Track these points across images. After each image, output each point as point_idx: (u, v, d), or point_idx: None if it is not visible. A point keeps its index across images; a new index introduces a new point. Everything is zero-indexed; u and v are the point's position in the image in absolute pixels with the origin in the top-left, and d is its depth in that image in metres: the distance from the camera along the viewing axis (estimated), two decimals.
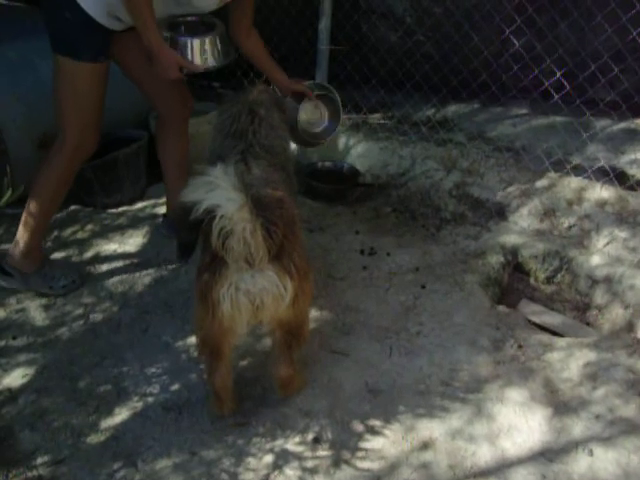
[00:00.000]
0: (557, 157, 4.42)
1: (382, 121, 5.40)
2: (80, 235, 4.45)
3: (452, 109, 5.38)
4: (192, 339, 3.42)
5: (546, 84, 4.42)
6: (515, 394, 3.08)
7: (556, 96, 4.40)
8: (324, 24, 4.79)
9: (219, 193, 2.23)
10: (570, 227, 4.19)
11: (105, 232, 4.45)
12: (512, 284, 4.06)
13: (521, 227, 4.25)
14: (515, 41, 4.48)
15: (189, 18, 3.53)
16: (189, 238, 2.54)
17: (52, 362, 3.42)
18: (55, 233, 4.47)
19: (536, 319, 3.72)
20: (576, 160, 4.53)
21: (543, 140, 4.90)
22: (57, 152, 3.57)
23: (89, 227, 4.50)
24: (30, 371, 3.37)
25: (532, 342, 3.39)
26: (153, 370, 3.33)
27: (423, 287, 3.76)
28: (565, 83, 4.34)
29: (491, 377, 3.19)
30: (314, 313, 3.57)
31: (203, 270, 2.51)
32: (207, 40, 3.40)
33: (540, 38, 4.47)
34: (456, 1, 4.85)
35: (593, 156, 4.53)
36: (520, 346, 3.36)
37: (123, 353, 3.45)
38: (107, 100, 4.72)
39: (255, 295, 2.43)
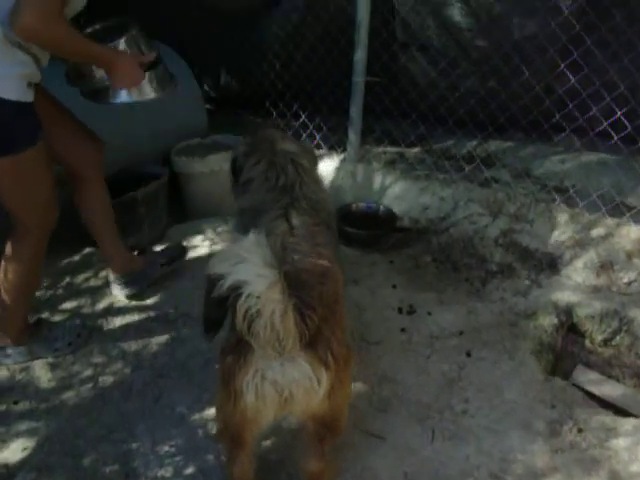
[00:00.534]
0: (612, 200, 4.04)
1: (420, 155, 5.00)
2: (93, 282, 4.13)
3: (495, 143, 4.95)
4: (210, 412, 3.09)
5: (605, 124, 3.99)
6: None
7: (615, 137, 3.98)
8: (359, 55, 4.44)
9: (247, 267, 1.93)
10: (630, 283, 3.78)
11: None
12: (566, 347, 3.65)
13: (575, 282, 3.85)
14: (570, 76, 4.05)
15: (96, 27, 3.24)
16: (216, 314, 2.32)
17: (55, 433, 3.09)
18: (67, 279, 4.17)
19: (595, 390, 3.31)
20: (632, 201, 4.12)
21: (595, 179, 4.50)
22: (22, 244, 3.24)
23: (103, 274, 4.16)
24: (31, 443, 3.04)
25: (593, 425, 2.99)
26: (166, 448, 2.98)
27: (468, 355, 3.37)
28: (627, 123, 3.92)
29: (548, 469, 2.79)
30: None
31: (227, 352, 2.23)
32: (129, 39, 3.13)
33: (597, 75, 4.04)
34: (505, 33, 4.42)
35: None
36: (580, 430, 2.96)
37: (133, 425, 3.11)
38: (125, 135, 4.48)
39: (284, 386, 2.14)
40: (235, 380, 2.16)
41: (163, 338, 3.64)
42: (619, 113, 3.99)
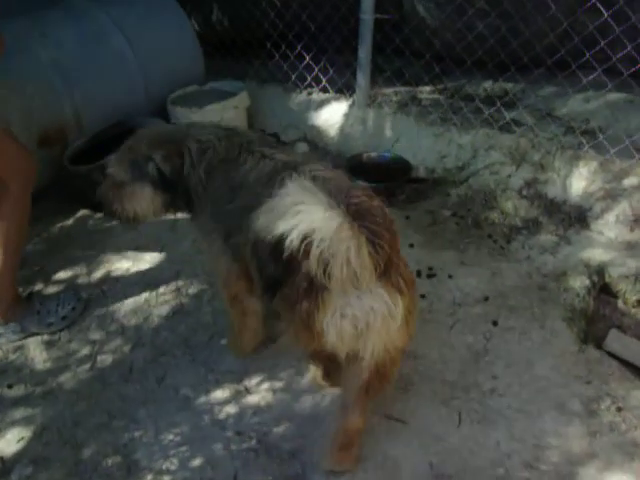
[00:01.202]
0: None
1: (434, 97, 4.65)
2: (89, 249, 3.86)
3: (512, 83, 4.57)
4: (216, 394, 2.91)
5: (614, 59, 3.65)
6: None
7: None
8: None
9: (310, 214, 1.90)
10: None
11: (117, 246, 3.84)
12: (597, 309, 3.38)
13: (607, 238, 3.57)
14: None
15: None
16: (277, 272, 2.22)
17: (53, 421, 2.88)
18: (60, 247, 3.89)
19: (630, 357, 3.05)
20: None
21: (623, 120, 4.16)
22: (2, 201, 3.06)
23: (99, 238, 3.90)
24: (27, 433, 2.83)
25: (633, 402, 2.76)
26: (170, 437, 2.77)
27: (495, 324, 3.11)
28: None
29: (586, 455, 2.57)
30: None
31: (300, 298, 2.15)
32: None
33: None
34: None
35: None
36: (619, 409, 2.73)
37: (135, 410, 2.89)
38: (117, 85, 4.15)
39: (361, 319, 2.14)
40: (315, 322, 2.15)
41: (164, 310, 3.40)
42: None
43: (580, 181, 3.75)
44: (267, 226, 2.00)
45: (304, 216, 1.91)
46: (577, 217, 3.67)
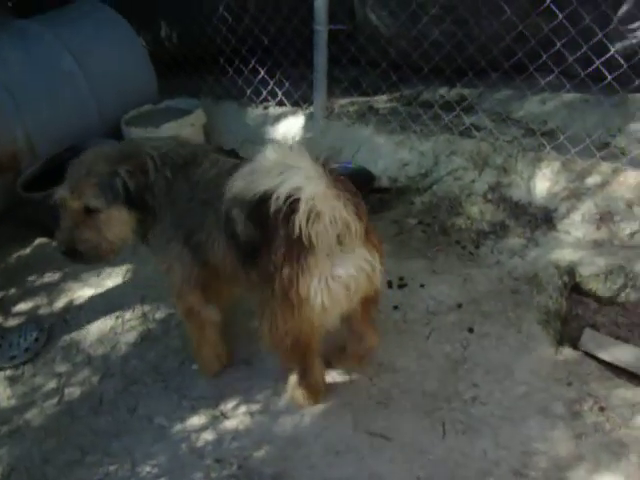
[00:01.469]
0: (605, 144, 3.81)
1: (390, 104, 4.62)
2: (48, 278, 3.74)
3: (467, 88, 4.55)
4: (192, 421, 2.81)
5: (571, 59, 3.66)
6: None
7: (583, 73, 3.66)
8: (320, 1, 3.98)
9: (299, 173, 1.98)
10: (633, 234, 3.52)
11: (78, 272, 3.71)
12: (570, 309, 3.35)
13: (575, 237, 3.56)
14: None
15: None
16: (257, 235, 2.21)
17: (21, 460, 2.77)
18: (19, 277, 3.76)
19: (606, 356, 3.04)
20: (623, 142, 3.89)
21: (580, 119, 4.18)
22: None
23: (58, 266, 3.78)
24: None
25: (615, 402, 2.74)
26: (147, 469, 2.68)
27: (471, 331, 3.07)
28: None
29: (573, 458, 2.53)
30: (339, 378, 2.89)
31: (280, 265, 2.18)
32: None
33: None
34: None
35: None
36: (602, 408, 2.71)
37: (108, 443, 2.78)
38: (68, 108, 4.03)
39: (350, 279, 2.21)
40: (300, 289, 2.16)
41: (131, 337, 3.29)
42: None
43: (544, 182, 3.74)
44: (247, 187, 2.05)
45: (291, 174, 1.97)
46: (543, 218, 3.66)
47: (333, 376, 2.91)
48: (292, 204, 2.00)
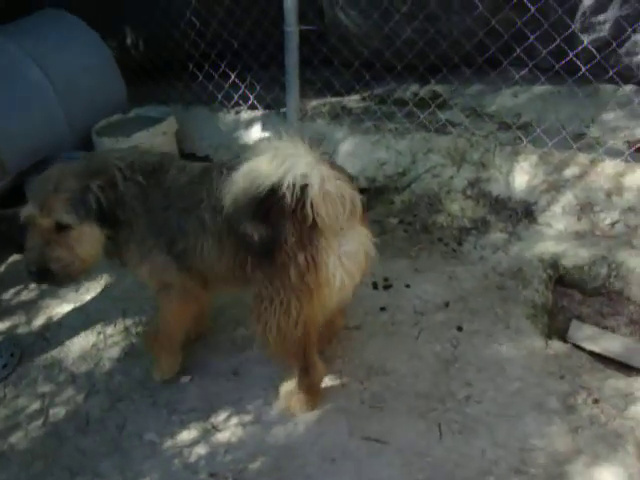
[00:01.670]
0: (580, 134, 3.82)
1: (363, 103, 4.59)
2: (25, 295, 3.65)
3: (438, 85, 4.53)
4: (182, 435, 2.75)
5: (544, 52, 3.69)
6: (607, 474, 2.41)
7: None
8: (290, 2, 3.92)
9: (300, 160, 2.06)
10: (613, 224, 3.52)
11: (55, 289, 3.61)
12: (556, 302, 3.34)
13: (556, 230, 3.56)
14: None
15: None
16: (268, 230, 2.21)
17: None
18: None
19: (595, 347, 3.06)
20: (597, 132, 3.90)
21: (552, 111, 4.19)
22: None
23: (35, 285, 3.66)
24: None
25: (608, 392, 2.74)
26: None
27: (460, 329, 3.05)
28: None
29: (571, 453, 2.52)
30: (330, 383, 2.85)
31: (294, 252, 2.22)
32: None
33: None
34: None
35: (615, 125, 3.86)
36: (596, 400, 2.70)
37: (97, 463, 2.71)
38: (38, 120, 3.94)
39: (357, 255, 2.32)
40: (318, 271, 2.24)
41: (114, 352, 3.22)
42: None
43: (522, 176, 3.74)
44: (250, 185, 2.07)
45: (293, 163, 2.04)
46: (524, 212, 3.66)
47: (325, 381, 2.86)
48: (300, 191, 2.07)
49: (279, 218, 2.18)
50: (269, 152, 2.11)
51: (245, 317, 3.20)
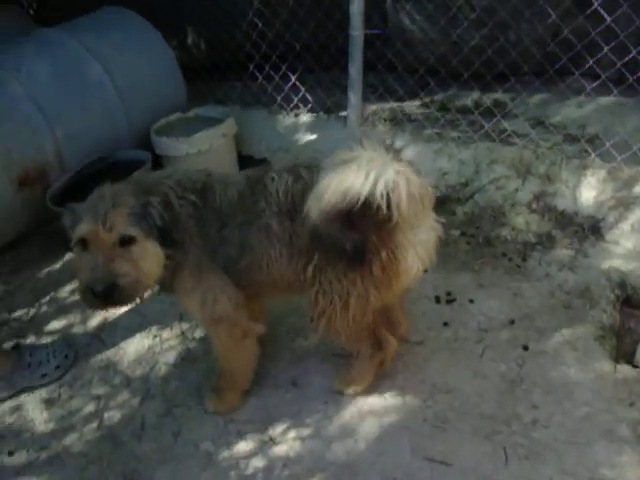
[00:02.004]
0: None
1: (424, 110, 4.50)
2: None
3: (499, 94, 4.40)
4: (239, 446, 2.69)
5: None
6: None
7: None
8: (356, 6, 3.86)
9: (385, 167, 2.08)
10: None
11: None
12: (622, 322, 3.23)
13: (625, 248, 3.45)
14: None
15: None
16: (362, 236, 2.22)
17: None
18: (50, 294, 3.63)
19: None
20: None
21: (619, 124, 4.05)
22: None
23: None
24: None
25: None
26: None
27: (525, 348, 2.95)
28: None
29: None
30: (391, 400, 2.77)
31: (376, 251, 2.30)
32: None
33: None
34: None
35: None
36: None
37: (152, 471, 2.67)
38: (98, 118, 3.93)
39: (429, 241, 2.43)
40: (399, 265, 2.35)
41: (171, 357, 3.18)
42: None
43: (590, 191, 3.62)
44: (340, 195, 2.05)
45: (380, 171, 2.05)
46: (591, 228, 3.55)
47: (385, 397, 2.79)
48: (393, 190, 2.08)
49: (367, 223, 2.19)
50: (353, 162, 2.07)
51: (304, 327, 3.15)
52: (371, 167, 2.06)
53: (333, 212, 2.09)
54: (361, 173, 2.05)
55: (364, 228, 2.20)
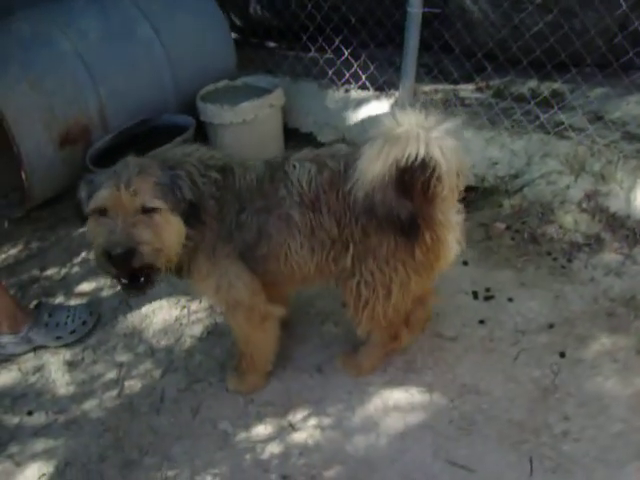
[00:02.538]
0: None
1: (477, 95, 4.33)
2: None
3: (557, 84, 4.20)
4: (257, 429, 2.65)
5: None
6: None
7: None
8: None
9: (432, 135, 2.03)
10: None
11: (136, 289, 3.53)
12: None
13: None
14: None
15: None
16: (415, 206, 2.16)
17: (77, 455, 2.65)
18: (82, 255, 3.60)
19: None
20: None
21: None
22: None
23: None
24: (49, 468, 2.60)
25: None
26: (208, 479, 2.47)
27: (562, 355, 2.83)
28: None
29: None
30: (418, 396, 2.67)
31: (417, 232, 2.22)
32: None
33: None
34: None
35: None
36: None
37: (168, 445, 2.64)
38: (144, 80, 3.86)
39: (461, 223, 2.40)
40: (440, 247, 2.33)
41: (197, 330, 3.13)
42: None
43: None
44: (385, 165, 2.01)
45: (426, 139, 2.00)
46: None
47: (412, 393, 2.70)
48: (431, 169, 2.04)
49: (418, 193, 2.14)
50: (403, 130, 2.03)
51: (334, 311, 3.07)
52: (421, 135, 2.00)
53: (388, 179, 2.05)
54: (413, 140, 1.99)
55: (417, 198, 2.14)
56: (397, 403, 2.69)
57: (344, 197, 2.27)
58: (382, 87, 4.32)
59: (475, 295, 3.16)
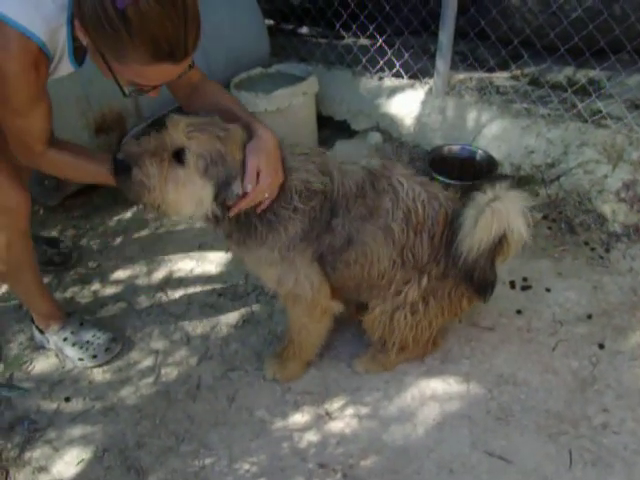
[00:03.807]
0: None
1: (512, 82, 4.27)
2: (149, 246, 3.56)
3: (594, 71, 4.11)
4: (294, 418, 2.65)
5: None
6: None
7: None
8: None
9: (517, 218, 2.29)
10: None
11: (179, 243, 3.56)
12: None
13: None
14: None
15: None
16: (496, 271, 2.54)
17: (115, 441, 2.66)
18: (118, 240, 3.60)
19: None
20: None
21: None
22: None
23: (159, 234, 3.62)
24: (87, 454, 2.61)
25: None
26: (246, 467, 2.52)
27: (601, 347, 2.79)
28: None
29: None
30: (455, 386, 2.66)
31: (490, 293, 2.52)
32: None
33: None
34: None
35: None
36: None
37: (205, 433, 2.64)
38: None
39: None
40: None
41: (233, 318, 3.13)
42: None
43: None
44: (487, 239, 2.24)
45: (514, 217, 2.23)
46: None
47: (450, 383, 2.68)
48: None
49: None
50: (496, 206, 2.21)
51: None
52: (509, 213, 2.21)
53: (487, 250, 2.29)
54: (502, 218, 2.20)
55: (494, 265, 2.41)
56: (434, 393, 2.68)
57: (446, 238, 2.36)
58: (416, 75, 4.28)
59: (512, 285, 3.13)
